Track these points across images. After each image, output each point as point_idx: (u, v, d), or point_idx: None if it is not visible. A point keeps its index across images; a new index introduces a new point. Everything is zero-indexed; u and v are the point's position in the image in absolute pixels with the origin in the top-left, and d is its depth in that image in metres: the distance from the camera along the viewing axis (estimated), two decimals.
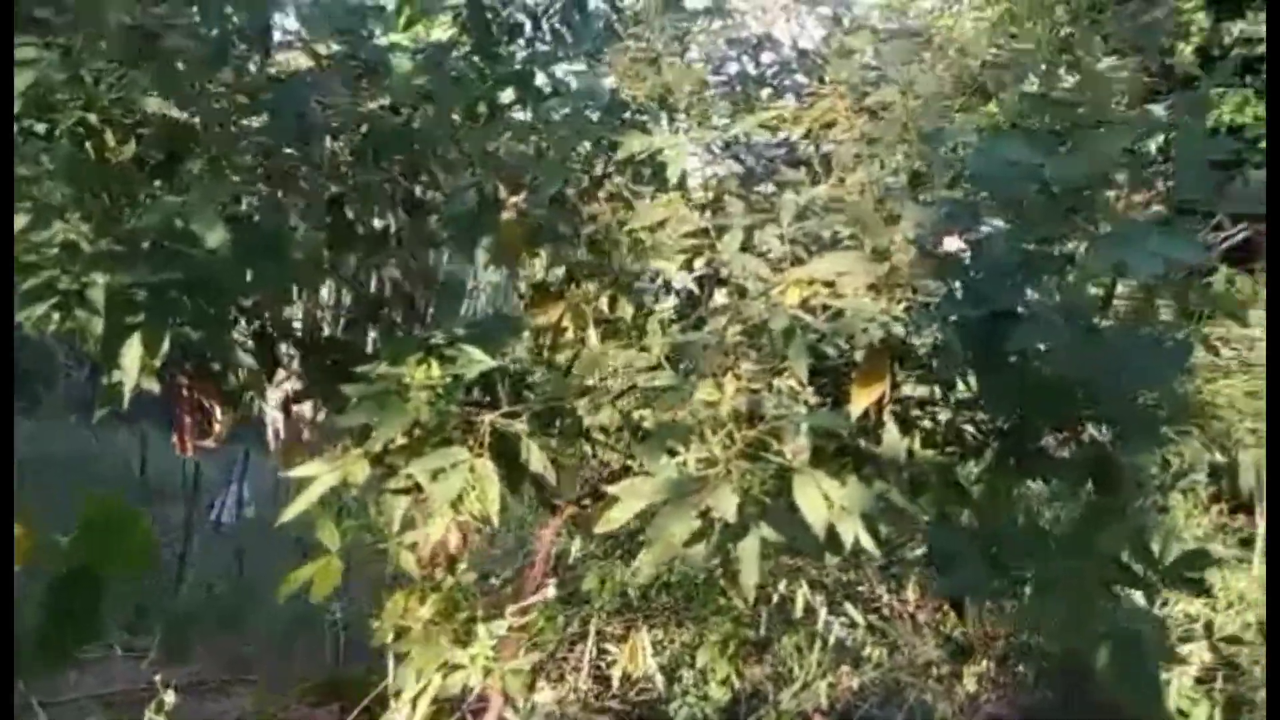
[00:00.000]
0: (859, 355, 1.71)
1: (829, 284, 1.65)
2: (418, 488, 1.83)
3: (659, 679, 4.39)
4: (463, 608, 2.06)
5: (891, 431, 1.78)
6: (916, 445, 1.97)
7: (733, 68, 2.35)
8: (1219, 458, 2.06)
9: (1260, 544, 5.52)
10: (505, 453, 1.74)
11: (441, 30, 3.06)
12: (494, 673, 1.94)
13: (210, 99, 1.63)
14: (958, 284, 1.53)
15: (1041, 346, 1.72)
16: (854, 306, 1.55)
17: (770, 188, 2.05)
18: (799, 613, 4.20)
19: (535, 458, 1.70)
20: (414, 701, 1.88)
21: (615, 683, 4.27)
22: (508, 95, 2.37)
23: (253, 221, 1.71)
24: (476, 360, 1.64)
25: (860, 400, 1.71)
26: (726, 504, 1.45)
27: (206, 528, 5.68)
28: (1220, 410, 2.11)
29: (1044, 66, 1.97)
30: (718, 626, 4.11)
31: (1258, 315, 1.92)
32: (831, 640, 4.33)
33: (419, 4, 2.96)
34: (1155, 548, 4.83)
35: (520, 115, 2.37)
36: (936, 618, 4.92)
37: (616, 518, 1.54)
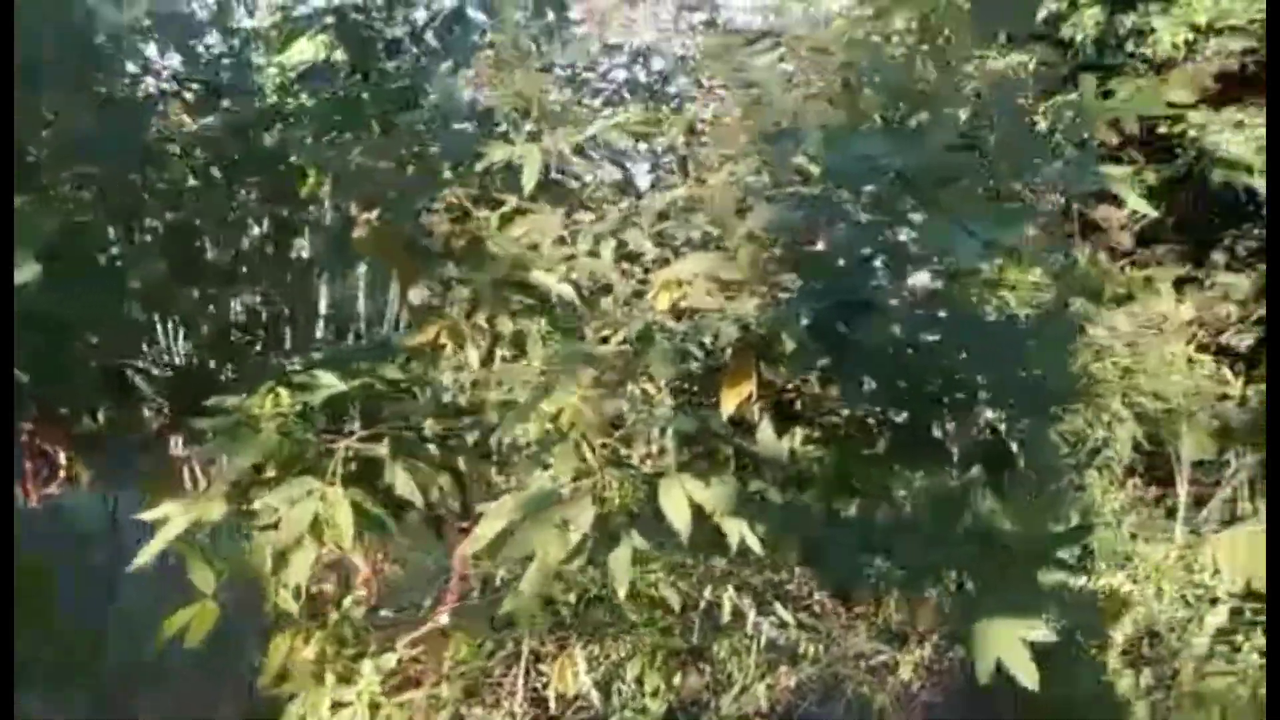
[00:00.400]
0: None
1: (692, 285, 1.63)
2: None
3: (595, 696, 4.32)
4: (349, 644, 1.99)
5: (766, 430, 1.76)
6: (798, 442, 1.96)
7: (622, 74, 2.34)
8: (1101, 433, 2.10)
9: (1182, 513, 5.69)
10: (370, 479, 1.67)
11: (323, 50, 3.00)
12: (382, 708, 1.87)
13: (37, 126, 1.54)
14: (813, 281, 1.52)
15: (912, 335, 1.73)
16: (709, 306, 1.53)
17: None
18: (726, 617, 4.17)
19: (400, 482, 1.64)
20: None
21: (551, 704, 4.19)
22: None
23: (85, 254, 1.62)
24: (325, 386, 1.58)
25: (729, 400, 1.69)
26: (583, 515, 1.42)
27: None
28: (1101, 388, 2.15)
29: (902, 58, 1.98)
30: (647, 638, 4.06)
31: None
32: (762, 642, 4.32)
33: (287, 27, 2.89)
34: (1060, 525, 4.91)
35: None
36: (869, 610, 4.95)
37: (482, 536, 1.49)
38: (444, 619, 2.18)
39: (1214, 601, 4.75)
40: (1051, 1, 7.62)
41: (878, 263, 1.55)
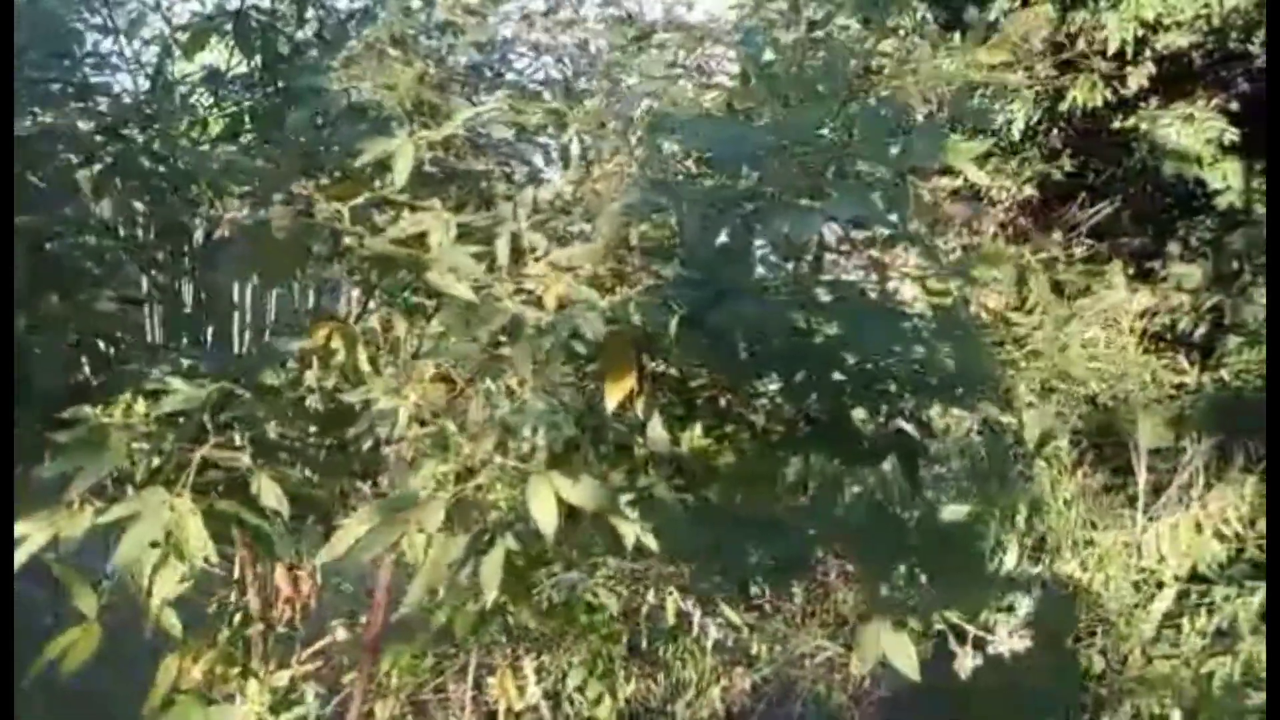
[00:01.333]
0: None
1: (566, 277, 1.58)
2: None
3: (543, 707, 4.25)
4: (237, 661, 1.91)
5: (655, 425, 1.72)
6: (696, 437, 1.92)
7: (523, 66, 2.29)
8: (1008, 419, 2.08)
9: (1142, 499, 5.73)
10: (241, 493, 1.60)
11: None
12: None
13: None
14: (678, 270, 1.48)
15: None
16: (578, 298, 1.48)
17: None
18: (671, 620, 4.12)
19: (266, 491, 1.57)
20: None
21: (500, 717, 4.12)
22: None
23: None
24: (177, 392, 1.51)
25: (613, 394, 1.64)
26: (432, 519, 1.36)
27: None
28: (1012, 373, 2.14)
29: (787, 42, 1.95)
30: (589, 645, 4.00)
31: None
32: (710, 644, 4.27)
33: (190, 36, 2.80)
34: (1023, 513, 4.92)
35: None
36: (816, 608, 4.93)
37: (338, 543, 1.43)
38: (340, 633, 2.11)
39: (1160, 586, 4.77)
40: (1004, 0, 7.72)
41: (761, 250, 1.51)
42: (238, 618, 2.02)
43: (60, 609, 2.09)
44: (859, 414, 2.13)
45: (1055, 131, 8.71)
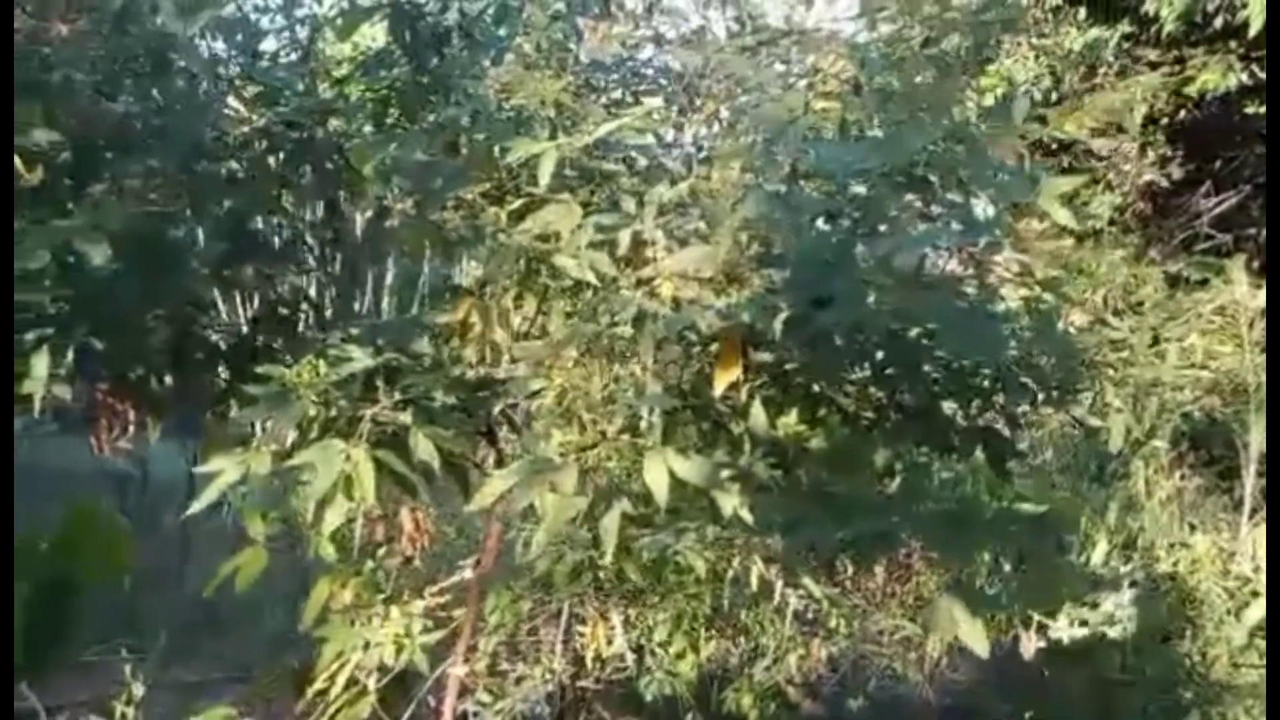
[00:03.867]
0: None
1: (685, 276, 1.78)
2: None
3: (629, 657, 4.51)
4: (381, 589, 2.21)
5: (756, 409, 1.91)
6: (793, 423, 2.10)
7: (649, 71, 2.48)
8: (1097, 422, 2.18)
9: (1248, 503, 5.61)
10: (400, 444, 1.87)
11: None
12: (405, 648, 2.09)
13: (106, 125, 1.77)
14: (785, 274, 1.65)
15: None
16: (695, 297, 1.68)
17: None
18: (754, 587, 4.31)
19: (422, 447, 1.83)
20: (332, 677, 2.02)
21: (589, 663, 4.41)
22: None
23: (153, 237, 1.85)
24: (355, 360, 1.78)
25: (720, 381, 1.84)
26: (569, 481, 1.59)
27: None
28: (1101, 379, 2.23)
29: (903, 60, 2.08)
30: (675, 603, 4.24)
31: None
32: (790, 613, 4.46)
33: (345, 19, 3.06)
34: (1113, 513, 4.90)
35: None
36: (900, 588, 5.05)
37: (485, 496, 1.68)
38: (468, 573, 2.39)
39: (1255, 595, 4.71)
40: None
41: (861, 257, 1.67)
42: (379, 553, 2.32)
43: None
44: (949, 406, 2.28)
45: (1182, 114, 8.35)
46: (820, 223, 1.63)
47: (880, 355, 1.94)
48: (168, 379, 2.11)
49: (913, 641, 4.81)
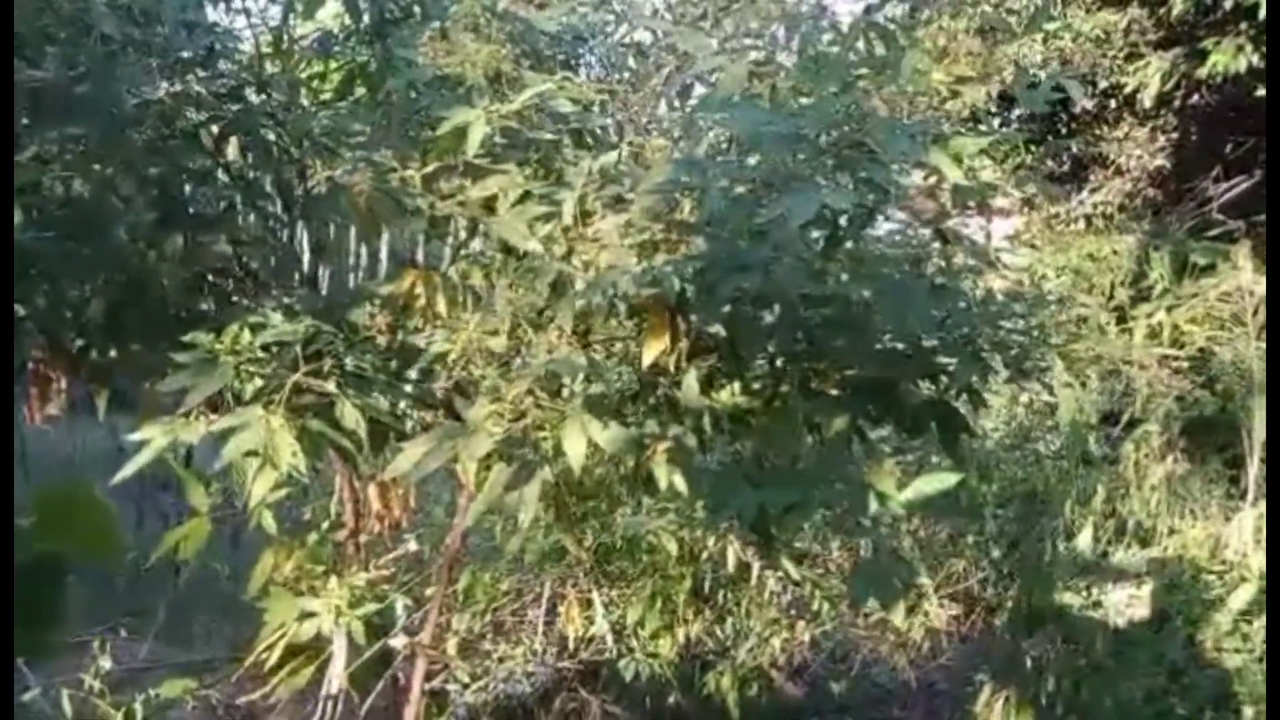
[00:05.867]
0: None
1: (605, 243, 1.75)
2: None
3: (609, 638, 4.51)
4: (323, 561, 2.21)
5: (689, 380, 1.88)
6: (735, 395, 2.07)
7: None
8: (1050, 397, 2.13)
9: (1252, 490, 5.54)
10: (322, 413, 1.86)
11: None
12: (345, 619, 2.09)
13: (28, 90, 1.76)
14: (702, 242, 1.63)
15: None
16: (615, 263, 1.66)
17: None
18: (729, 569, 4.30)
19: (348, 415, 1.83)
20: (270, 647, 2.02)
21: (570, 643, 4.41)
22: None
23: (80, 204, 1.84)
24: (277, 327, 1.77)
25: (649, 351, 1.81)
26: (478, 448, 1.58)
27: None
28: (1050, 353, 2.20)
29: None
30: (652, 584, 4.23)
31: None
32: (768, 596, 4.44)
33: None
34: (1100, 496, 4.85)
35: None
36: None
37: (398, 466, 1.67)
38: (413, 545, 2.39)
39: (1242, 579, 4.66)
40: None
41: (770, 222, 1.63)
42: (325, 525, 2.32)
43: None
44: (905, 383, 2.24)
45: (1194, 99, 8.20)
46: (739, 191, 1.60)
47: (816, 328, 1.91)
48: (109, 349, 2.11)
49: (892, 624, 4.78)
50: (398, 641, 2.31)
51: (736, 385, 2.11)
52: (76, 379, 2.04)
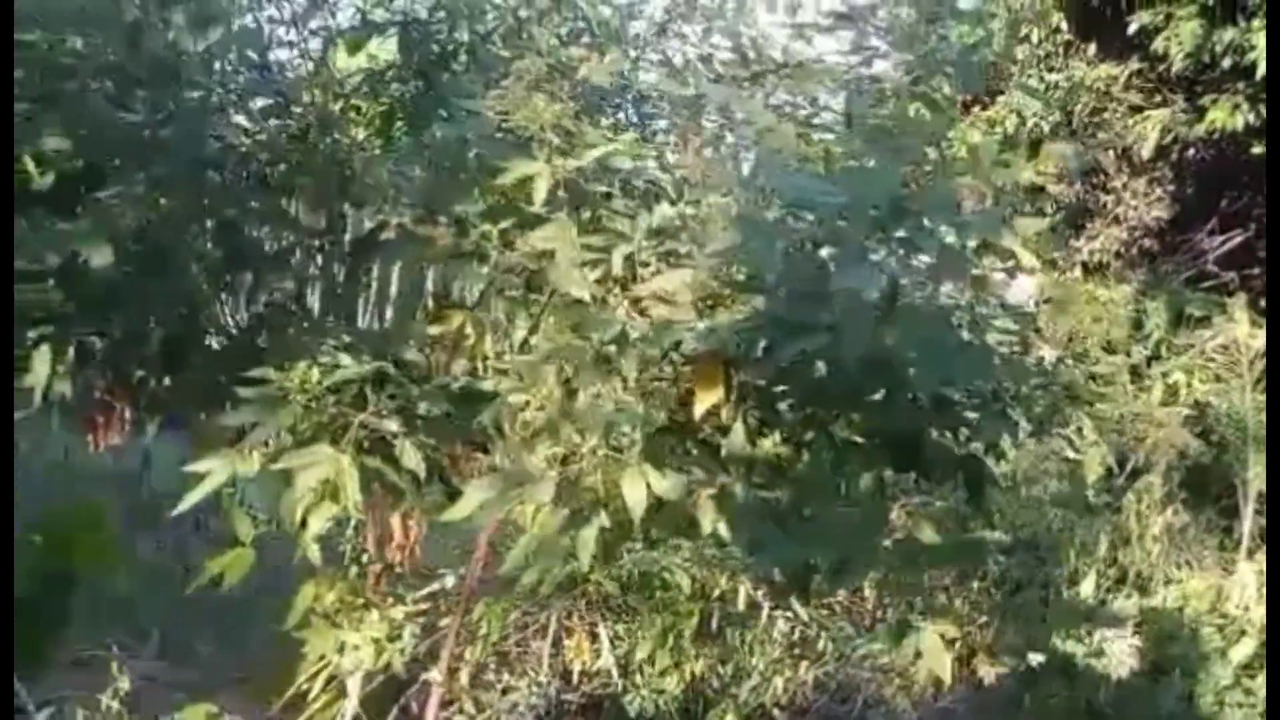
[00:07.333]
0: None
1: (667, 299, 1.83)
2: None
3: (614, 672, 4.52)
4: (361, 593, 2.25)
5: (736, 430, 1.95)
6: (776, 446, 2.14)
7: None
8: (1072, 454, 2.20)
9: (1245, 542, 5.61)
10: (383, 451, 1.92)
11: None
12: (385, 653, 2.13)
13: (117, 134, 1.83)
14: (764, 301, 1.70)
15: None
16: (677, 319, 1.73)
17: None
18: (740, 607, 4.34)
19: (408, 455, 1.88)
20: (312, 678, 2.06)
21: (575, 677, 4.42)
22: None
23: (156, 242, 1.91)
24: (345, 366, 1.83)
25: (701, 402, 1.88)
26: (543, 494, 1.63)
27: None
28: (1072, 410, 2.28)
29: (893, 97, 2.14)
30: (661, 620, 4.26)
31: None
32: (776, 635, 4.47)
33: (356, 34, 3.13)
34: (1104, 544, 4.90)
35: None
36: (887, 614, 5.06)
37: (462, 508, 1.73)
38: (449, 580, 2.43)
39: (1242, 633, 4.72)
40: (1146, 14, 7.48)
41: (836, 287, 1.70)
42: (364, 557, 2.36)
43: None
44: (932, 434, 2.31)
45: (1190, 153, 8.39)
46: (797, 255, 1.68)
47: (858, 382, 1.98)
48: (166, 380, 2.17)
49: (899, 667, 4.81)
50: (434, 675, 2.35)
51: (776, 435, 2.17)
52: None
